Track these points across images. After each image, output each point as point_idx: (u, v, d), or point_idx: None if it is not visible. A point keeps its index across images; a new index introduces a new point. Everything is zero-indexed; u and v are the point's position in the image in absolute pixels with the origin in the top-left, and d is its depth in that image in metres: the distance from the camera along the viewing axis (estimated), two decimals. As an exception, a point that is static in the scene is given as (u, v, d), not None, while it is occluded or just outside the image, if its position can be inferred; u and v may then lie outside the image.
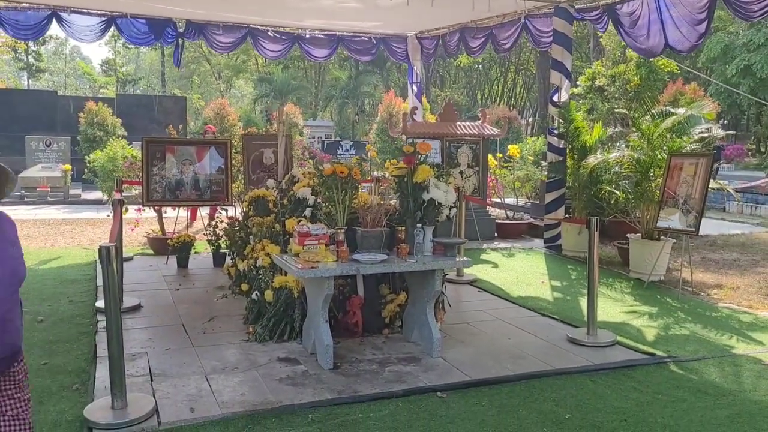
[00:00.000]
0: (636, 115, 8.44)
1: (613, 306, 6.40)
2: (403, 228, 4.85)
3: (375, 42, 12.07)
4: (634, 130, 8.20)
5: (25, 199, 14.67)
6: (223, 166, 7.76)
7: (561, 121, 9.03)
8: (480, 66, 35.77)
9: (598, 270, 5.36)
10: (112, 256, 3.63)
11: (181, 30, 10.65)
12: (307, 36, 11.66)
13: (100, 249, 3.65)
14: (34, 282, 6.80)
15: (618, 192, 7.99)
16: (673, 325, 5.77)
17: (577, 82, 14.60)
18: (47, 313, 5.68)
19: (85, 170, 14.40)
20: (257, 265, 5.55)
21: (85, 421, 3.59)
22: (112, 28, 10.21)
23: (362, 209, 4.89)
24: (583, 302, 5.87)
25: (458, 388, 4.19)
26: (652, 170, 7.64)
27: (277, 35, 11.37)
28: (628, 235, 7.97)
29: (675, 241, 7.71)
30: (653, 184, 7.60)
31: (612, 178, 8.20)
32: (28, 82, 44.17)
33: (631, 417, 3.82)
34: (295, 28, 11.55)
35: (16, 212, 12.76)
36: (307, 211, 5.30)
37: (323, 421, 3.68)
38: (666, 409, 3.95)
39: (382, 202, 5.15)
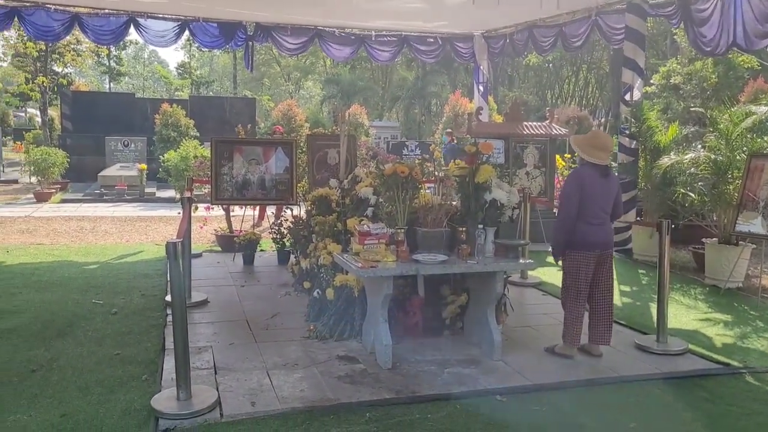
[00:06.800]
0: (713, 114, 8.05)
1: (686, 313, 6.14)
2: (465, 229, 4.80)
3: (440, 43, 12.00)
4: (711, 130, 7.85)
5: (104, 197, 15.34)
6: (288, 166, 7.90)
7: (633, 120, 8.75)
8: (550, 65, 34.98)
9: (671, 275, 5.16)
10: (178, 252, 3.74)
11: (250, 33, 10.92)
12: (373, 37, 11.72)
13: (167, 245, 3.77)
14: (110, 276, 7.13)
15: (693, 194, 7.66)
16: (751, 335, 5.48)
17: (651, 81, 14.09)
18: (120, 306, 5.93)
19: (160, 169, 14.97)
20: (319, 264, 5.61)
21: (152, 410, 3.72)
22: (186, 32, 10.55)
23: (423, 209, 4.87)
24: (654, 308, 5.65)
25: (518, 392, 4.12)
26: (730, 172, 7.30)
27: (343, 36, 11.49)
28: (703, 239, 7.64)
29: (755, 246, 7.32)
30: (731, 187, 7.26)
31: (687, 180, 7.86)
32: (109, 85, 46.35)
33: (700, 428, 3.66)
34: (362, 29, 11.63)
35: (95, 209, 13.39)
36: (369, 211, 5.32)
37: (380, 420, 3.69)
38: (739, 421, 3.75)
39: (443, 202, 5.11)
